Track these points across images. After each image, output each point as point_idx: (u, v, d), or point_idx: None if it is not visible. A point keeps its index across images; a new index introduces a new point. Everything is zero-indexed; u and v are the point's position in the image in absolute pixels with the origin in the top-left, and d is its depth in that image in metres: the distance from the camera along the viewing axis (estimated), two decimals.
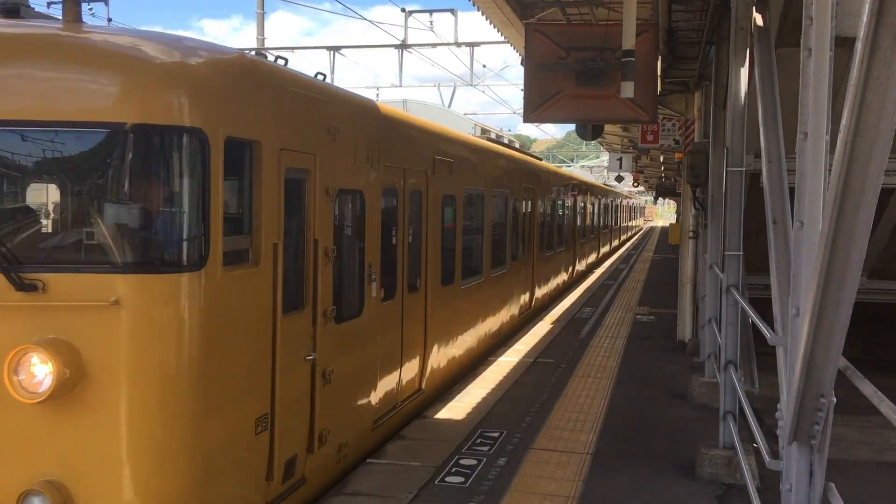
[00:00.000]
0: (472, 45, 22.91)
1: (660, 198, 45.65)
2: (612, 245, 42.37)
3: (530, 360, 12.73)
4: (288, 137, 6.26)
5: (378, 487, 7.05)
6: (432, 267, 10.05)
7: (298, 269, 6.63)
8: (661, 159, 29.03)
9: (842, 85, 5.64)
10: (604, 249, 36.36)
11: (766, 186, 5.44)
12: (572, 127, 14.88)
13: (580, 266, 26.65)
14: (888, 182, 3.62)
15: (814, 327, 3.30)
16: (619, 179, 38.35)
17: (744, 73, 7.47)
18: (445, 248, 10.79)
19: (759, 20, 6.39)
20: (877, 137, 2.68)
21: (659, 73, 10.92)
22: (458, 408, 9.76)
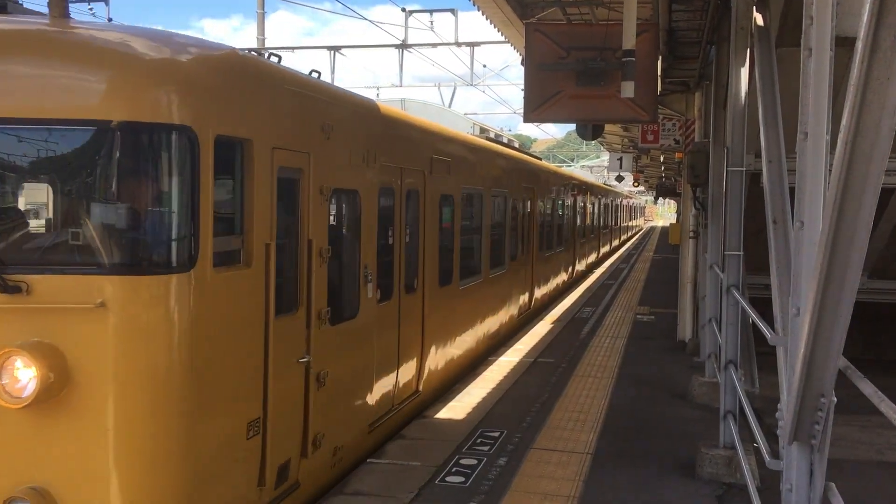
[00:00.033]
0: (473, 45, 22.89)
1: (660, 198, 45.58)
2: (613, 245, 42.36)
3: (531, 360, 12.74)
4: (281, 136, 6.14)
5: (378, 487, 7.06)
6: (430, 267, 9.94)
7: (292, 270, 6.51)
8: (662, 159, 29.03)
9: (842, 85, 5.64)
10: (604, 249, 36.34)
11: (767, 186, 5.44)
12: (573, 127, 14.87)
13: (580, 266, 26.59)
14: (888, 182, 3.62)
15: (814, 327, 3.30)
16: (620, 179, 38.35)
17: (744, 73, 7.48)
18: (443, 249, 10.66)
19: (760, 20, 6.39)
20: (877, 137, 2.69)
21: (659, 73, 10.92)
22: (459, 407, 9.76)
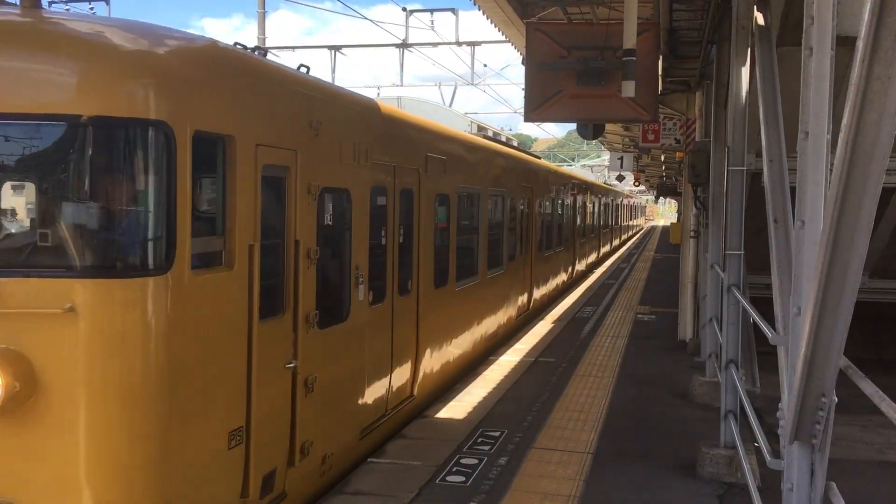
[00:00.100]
0: (473, 45, 22.91)
1: (661, 197, 45.64)
2: (613, 245, 42.33)
3: (531, 360, 12.74)
4: (265, 132, 5.92)
5: (379, 486, 7.06)
6: (424, 268, 9.74)
7: (278, 272, 6.28)
8: (662, 158, 29.01)
9: (843, 84, 5.64)
10: (604, 249, 36.32)
11: (768, 185, 5.44)
12: (573, 126, 14.84)
13: (580, 266, 26.53)
14: (889, 181, 3.62)
15: (815, 326, 3.30)
16: (621, 179, 38.33)
17: (745, 73, 7.47)
18: (439, 249, 10.46)
19: (761, 19, 6.38)
20: (878, 136, 2.68)
21: (660, 73, 10.91)
22: (459, 407, 9.76)
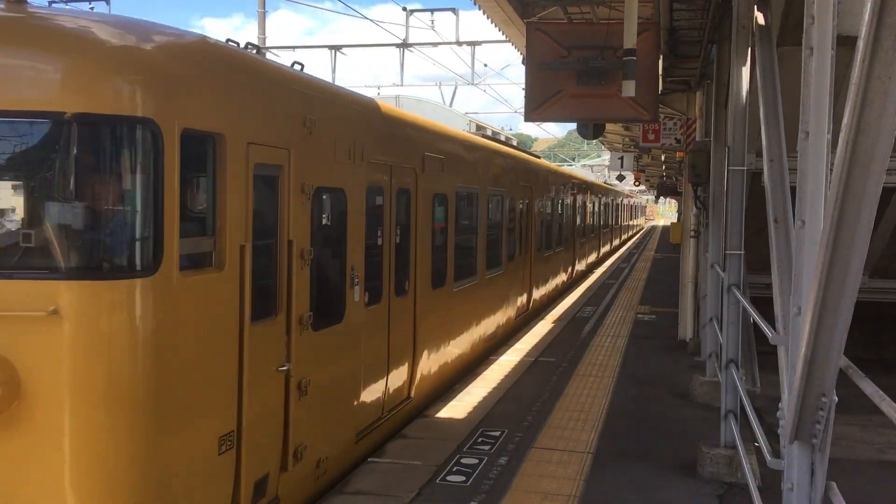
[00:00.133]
0: (474, 45, 22.91)
1: (661, 197, 45.65)
2: (613, 244, 42.32)
3: (531, 360, 12.74)
4: (257, 130, 5.81)
5: (379, 486, 7.06)
6: (422, 269, 9.61)
7: (271, 273, 6.16)
8: (663, 158, 29.02)
9: (843, 84, 5.63)
10: (604, 249, 36.32)
11: (768, 185, 5.44)
12: (573, 126, 14.84)
13: (580, 266, 26.49)
14: (889, 181, 3.62)
15: (815, 326, 3.30)
16: (621, 178, 38.34)
17: (745, 72, 7.47)
18: (436, 250, 10.34)
19: (761, 19, 6.38)
20: (878, 136, 2.68)
21: (660, 72, 10.93)
22: (459, 407, 9.76)
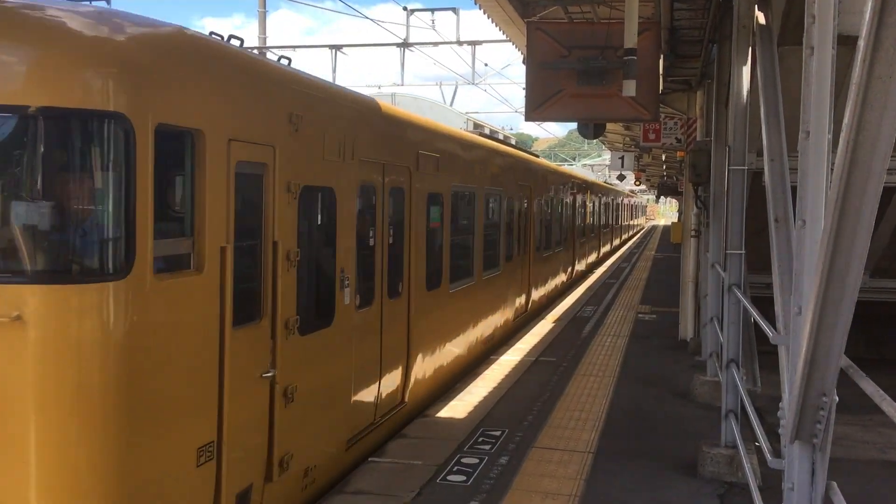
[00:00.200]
0: (474, 44, 22.90)
1: (661, 196, 45.61)
2: (613, 244, 42.30)
3: (532, 359, 12.74)
4: (239, 126, 5.58)
5: (380, 486, 7.06)
6: (416, 270, 9.41)
7: (255, 276, 5.94)
8: (663, 158, 29.03)
9: (844, 83, 5.63)
10: (604, 249, 36.30)
11: (769, 185, 5.44)
12: (574, 125, 14.82)
13: (580, 266, 26.44)
14: (890, 181, 3.62)
15: (816, 326, 3.30)
16: (622, 178, 38.34)
17: (746, 72, 7.47)
18: (431, 250, 10.11)
19: (762, 18, 6.38)
20: (879, 136, 2.68)
21: (661, 72, 10.92)
22: (460, 406, 9.76)
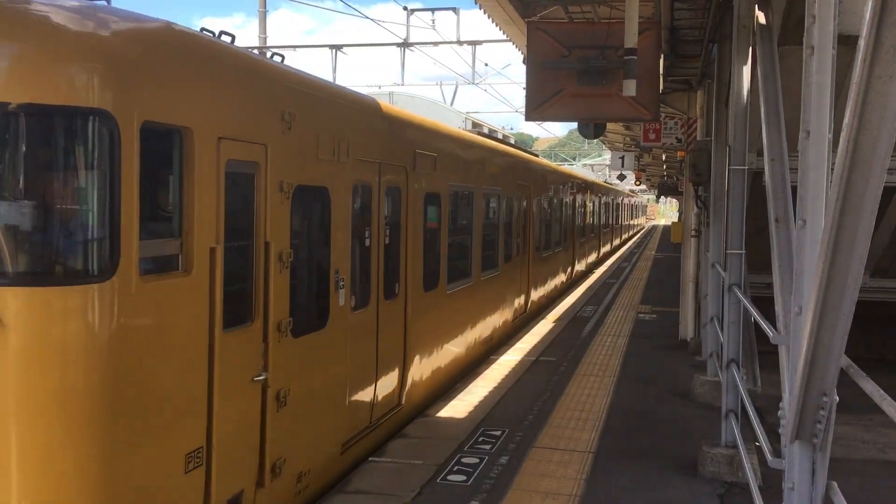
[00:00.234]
0: (474, 44, 22.89)
1: (662, 196, 45.60)
2: (614, 244, 42.29)
3: (532, 359, 12.74)
4: (229, 124, 5.47)
5: (380, 485, 7.06)
6: (413, 271, 9.29)
7: (246, 277, 5.84)
8: (664, 158, 29.03)
9: (844, 83, 5.63)
10: (605, 249, 36.29)
11: (769, 185, 5.44)
12: (574, 125, 14.82)
13: (580, 266, 26.40)
14: (890, 180, 3.62)
15: (816, 326, 3.30)
16: (622, 178, 38.34)
17: (746, 71, 7.47)
18: (428, 251, 9.99)
19: (762, 18, 6.38)
20: (879, 135, 2.68)
21: (661, 72, 10.91)
22: (460, 406, 9.77)
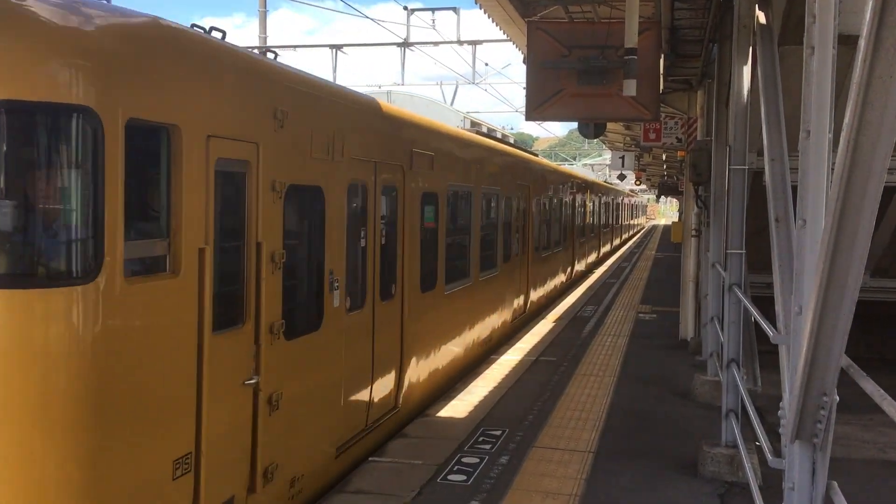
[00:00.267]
0: (475, 44, 22.89)
1: (662, 196, 45.61)
2: (614, 244, 42.27)
3: (532, 359, 12.74)
4: (219, 122, 5.36)
5: (380, 485, 7.06)
6: (410, 272, 9.17)
7: (237, 278, 5.74)
8: (664, 157, 29.03)
9: (844, 83, 5.63)
10: (605, 249, 36.27)
11: (769, 184, 5.44)
12: (574, 125, 14.81)
13: (579, 266, 26.36)
14: (891, 180, 3.62)
15: (816, 325, 3.30)
16: (622, 177, 38.35)
17: (746, 71, 7.47)
18: (426, 251, 9.87)
19: (762, 18, 6.37)
20: (879, 135, 2.68)
21: (661, 71, 10.91)
22: (461, 406, 9.77)
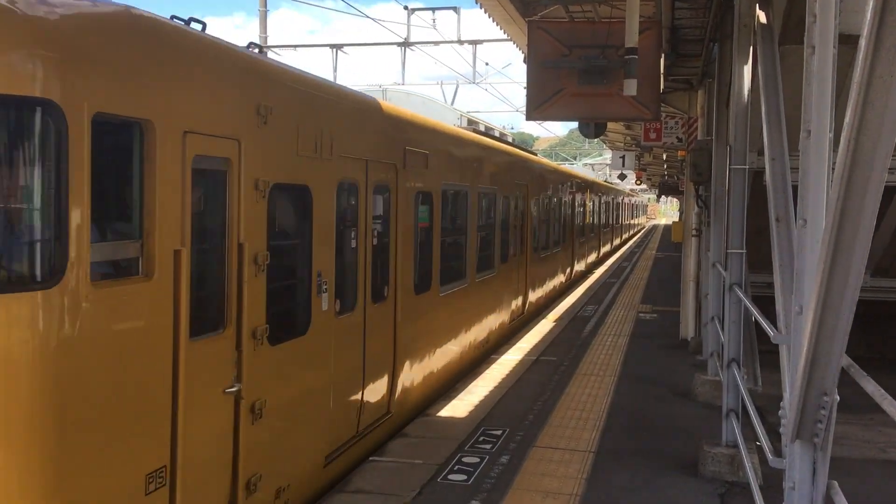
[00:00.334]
0: (475, 43, 22.89)
1: (662, 195, 45.62)
2: (614, 244, 42.24)
3: (533, 359, 12.74)
4: (197, 118, 5.15)
5: (380, 485, 7.06)
6: (403, 273, 8.96)
7: (217, 281, 5.51)
8: (664, 157, 29.02)
9: (845, 82, 5.63)
10: (605, 249, 36.23)
11: (770, 184, 5.44)
12: (575, 125, 14.78)
13: (579, 266, 26.29)
14: (891, 180, 3.62)
15: (817, 325, 3.30)
16: (623, 177, 38.35)
17: (747, 71, 7.47)
18: (420, 252, 9.66)
19: (763, 17, 6.37)
20: (880, 135, 2.68)
21: (662, 71, 10.92)
22: (461, 406, 9.77)
